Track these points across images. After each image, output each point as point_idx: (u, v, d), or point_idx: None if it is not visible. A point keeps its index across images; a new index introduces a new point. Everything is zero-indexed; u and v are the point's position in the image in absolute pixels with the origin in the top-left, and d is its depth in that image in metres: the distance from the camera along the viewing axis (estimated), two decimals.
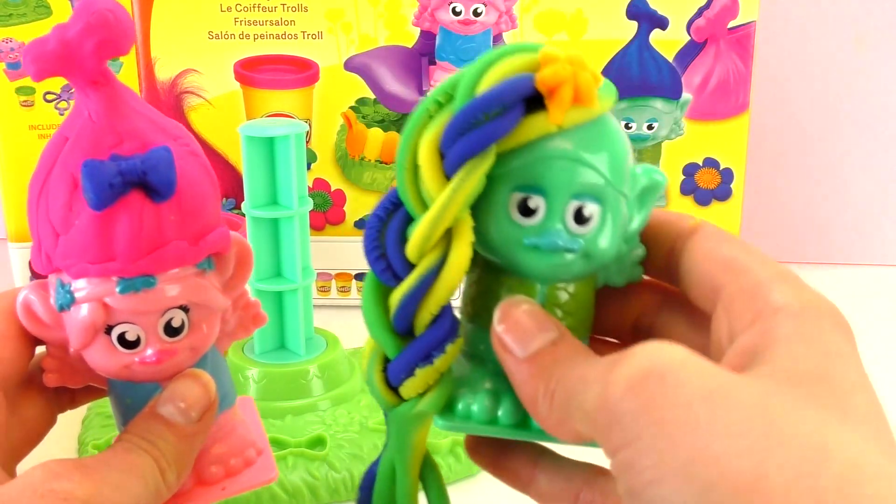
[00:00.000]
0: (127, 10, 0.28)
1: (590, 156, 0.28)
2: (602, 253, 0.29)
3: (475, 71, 0.27)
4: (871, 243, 0.81)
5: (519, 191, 0.28)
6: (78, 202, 0.28)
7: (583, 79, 0.27)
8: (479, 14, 0.67)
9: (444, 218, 0.27)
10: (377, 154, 0.69)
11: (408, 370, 0.29)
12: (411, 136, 0.28)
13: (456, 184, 0.27)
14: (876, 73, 0.78)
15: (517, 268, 0.29)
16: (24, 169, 0.69)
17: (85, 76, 0.28)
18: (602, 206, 0.28)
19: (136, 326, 0.29)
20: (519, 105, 0.27)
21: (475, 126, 0.27)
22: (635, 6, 0.66)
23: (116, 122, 0.29)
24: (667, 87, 0.67)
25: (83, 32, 0.28)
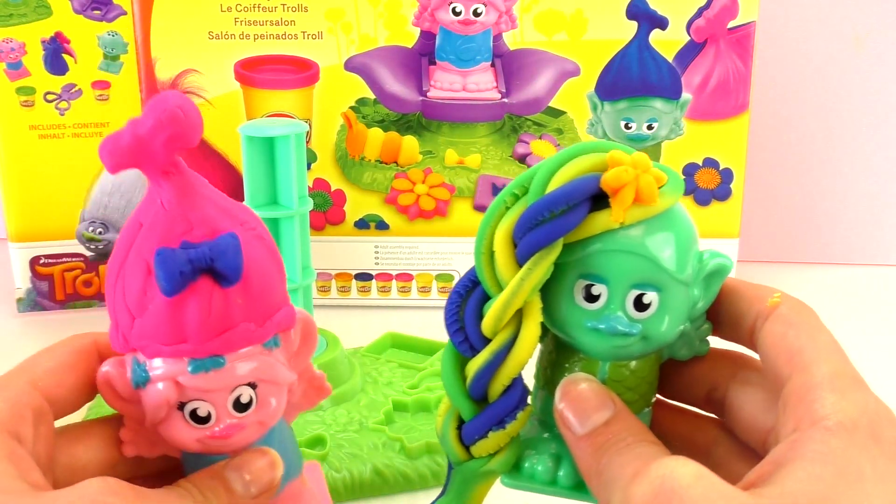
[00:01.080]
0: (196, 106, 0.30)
1: (651, 249, 0.31)
2: (661, 336, 0.32)
3: (548, 168, 0.31)
4: (871, 243, 0.81)
5: (584, 278, 0.31)
6: (151, 288, 0.30)
7: (644, 181, 0.30)
8: (479, 14, 0.67)
9: (515, 301, 0.31)
10: (377, 154, 0.69)
11: (482, 432, 0.32)
12: (489, 225, 0.31)
13: (525, 272, 0.30)
14: (876, 73, 0.78)
15: (580, 347, 0.33)
16: (25, 169, 0.69)
17: (157, 167, 0.30)
18: (661, 293, 0.31)
19: (207, 403, 0.31)
20: (585, 203, 0.30)
21: (545, 221, 0.30)
22: (635, 6, 0.66)
23: (187, 209, 0.31)
24: (667, 87, 0.67)
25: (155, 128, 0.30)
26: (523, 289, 0.30)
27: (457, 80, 0.68)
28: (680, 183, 0.32)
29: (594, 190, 0.30)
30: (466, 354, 0.32)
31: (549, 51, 0.67)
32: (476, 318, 0.32)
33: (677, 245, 0.32)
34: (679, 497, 0.25)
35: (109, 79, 0.69)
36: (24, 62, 0.68)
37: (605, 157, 0.30)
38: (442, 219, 0.71)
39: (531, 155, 0.69)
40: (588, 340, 0.32)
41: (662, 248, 0.31)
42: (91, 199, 0.71)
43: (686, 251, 0.32)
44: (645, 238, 0.31)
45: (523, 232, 0.31)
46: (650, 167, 0.30)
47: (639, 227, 0.31)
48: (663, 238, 0.31)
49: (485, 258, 0.32)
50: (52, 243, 0.71)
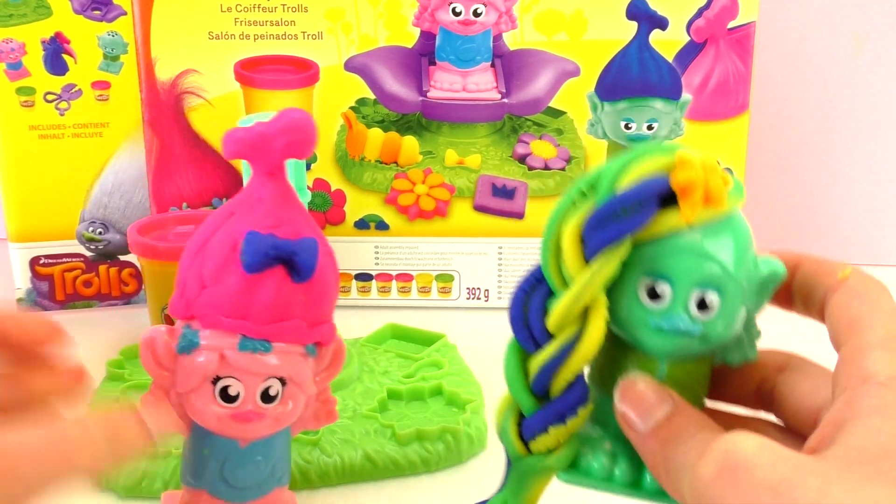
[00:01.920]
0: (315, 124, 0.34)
1: (715, 251, 0.32)
2: (719, 337, 0.33)
3: (617, 168, 0.31)
4: (871, 243, 0.81)
5: (648, 277, 0.32)
6: (233, 263, 0.33)
7: (713, 183, 0.31)
8: (479, 14, 0.67)
9: (582, 298, 0.31)
10: (377, 154, 0.69)
11: (542, 428, 0.32)
12: (556, 222, 0.32)
13: (594, 269, 0.31)
14: (876, 73, 0.78)
15: (642, 345, 0.33)
16: (25, 169, 0.69)
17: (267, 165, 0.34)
18: (722, 295, 0.32)
19: (240, 384, 0.33)
20: (654, 202, 0.31)
21: (614, 219, 0.30)
22: (635, 6, 0.66)
23: (280, 208, 0.34)
24: (667, 87, 0.67)
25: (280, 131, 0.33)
26: (592, 285, 0.31)
27: (457, 81, 0.68)
28: (741, 187, 0.33)
29: (664, 189, 0.31)
30: (530, 350, 0.32)
31: (549, 51, 0.67)
32: (541, 315, 0.32)
33: (739, 249, 0.32)
34: (745, 468, 0.25)
35: (109, 79, 0.69)
36: (24, 62, 0.68)
37: (672, 157, 0.31)
38: (442, 219, 0.71)
39: (531, 155, 0.69)
40: (650, 339, 0.33)
41: (726, 251, 0.32)
42: (91, 199, 0.71)
43: (746, 255, 0.33)
44: (710, 240, 0.32)
45: (593, 229, 0.31)
46: (718, 169, 0.31)
47: (704, 228, 0.32)
48: (727, 241, 0.32)
49: (551, 255, 0.32)
50: (52, 243, 0.71)
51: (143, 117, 0.69)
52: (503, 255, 0.71)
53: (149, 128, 0.69)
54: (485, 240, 0.71)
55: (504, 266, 0.72)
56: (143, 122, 0.69)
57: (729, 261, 0.32)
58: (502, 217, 0.70)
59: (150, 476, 0.49)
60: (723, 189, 0.31)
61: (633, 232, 0.31)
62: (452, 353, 0.61)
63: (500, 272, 0.72)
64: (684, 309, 0.32)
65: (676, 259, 0.32)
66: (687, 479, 0.27)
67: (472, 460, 0.52)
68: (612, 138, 0.68)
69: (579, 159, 0.69)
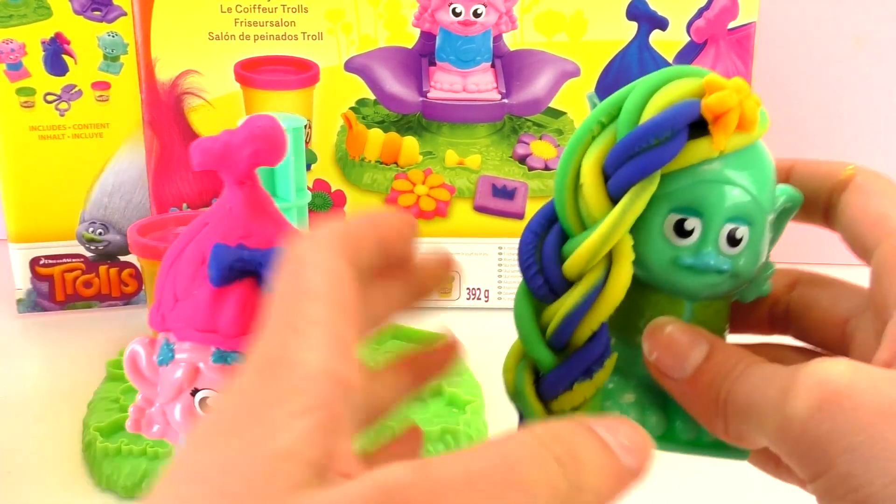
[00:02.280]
0: (283, 131, 0.34)
1: (746, 181, 0.29)
2: (748, 272, 0.31)
3: (640, 94, 0.28)
4: None
5: (676, 212, 0.29)
6: (201, 277, 0.33)
7: (748, 106, 0.28)
8: (479, 15, 0.67)
9: (612, 238, 0.28)
10: (377, 155, 0.69)
11: (567, 384, 0.29)
12: (574, 155, 0.29)
13: (625, 205, 0.28)
14: (876, 73, 0.78)
15: (671, 286, 0.30)
16: (25, 170, 0.69)
17: (237, 175, 0.34)
18: (752, 228, 0.30)
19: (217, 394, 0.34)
20: (684, 131, 0.28)
21: (643, 150, 0.28)
22: (635, 7, 0.66)
23: (250, 218, 0.34)
24: None
25: (245, 141, 0.33)
26: (622, 224, 0.28)
27: (457, 81, 0.68)
28: (765, 113, 0.30)
29: (695, 116, 0.28)
30: (546, 300, 0.29)
31: (549, 51, 0.67)
32: (556, 259, 0.29)
33: (765, 178, 0.30)
34: (848, 396, 0.23)
35: (109, 79, 0.69)
36: (24, 63, 0.68)
37: (700, 82, 0.28)
38: (442, 219, 0.71)
39: (531, 156, 0.69)
40: (680, 278, 0.30)
41: (756, 181, 0.30)
42: (91, 199, 0.71)
43: (772, 184, 0.31)
44: (739, 170, 0.29)
45: (620, 163, 0.28)
46: (750, 92, 0.28)
47: (734, 157, 0.29)
48: (755, 170, 0.30)
49: (568, 193, 0.29)
50: (53, 244, 0.71)
51: (143, 118, 0.69)
52: (503, 255, 0.71)
53: (149, 128, 0.69)
54: (485, 240, 0.71)
55: (504, 266, 0.72)
56: (143, 123, 0.69)
57: (757, 191, 0.30)
58: (502, 217, 0.70)
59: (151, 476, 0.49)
60: (757, 112, 0.28)
61: (665, 164, 0.28)
62: None
63: (501, 273, 0.72)
64: (715, 245, 0.29)
65: (707, 192, 0.29)
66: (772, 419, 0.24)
67: None
68: None
69: None
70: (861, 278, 0.32)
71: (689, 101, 0.28)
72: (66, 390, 0.59)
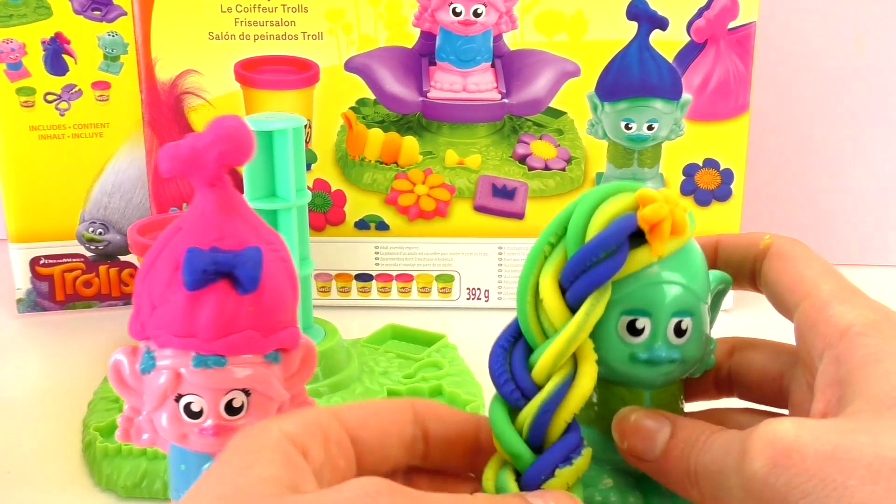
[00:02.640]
0: (251, 131, 0.33)
1: (684, 278, 0.33)
2: (694, 357, 0.34)
3: (582, 213, 0.32)
4: (871, 243, 0.81)
5: (627, 314, 0.33)
6: (175, 282, 0.33)
7: (678, 214, 0.32)
8: (479, 15, 0.67)
9: (574, 343, 0.31)
10: (377, 155, 0.69)
11: (549, 473, 0.32)
12: (530, 274, 0.33)
13: (586, 312, 0.31)
14: (876, 73, 0.78)
15: (629, 379, 0.34)
16: (25, 170, 0.69)
17: (205, 178, 0.34)
18: (693, 318, 0.34)
19: (202, 399, 0.33)
20: (626, 243, 0.32)
21: (594, 264, 0.31)
22: (635, 6, 0.66)
23: (222, 220, 0.34)
24: (667, 87, 0.67)
25: (211, 143, 0.33)
26: (584, 329, 0.31)
27: (457, 81, 0.68)
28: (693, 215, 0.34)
29: (633, 228, 0.32)
30: (518, 404, 0.32)
31: (549, 51, 0.67)
32: (525, 368, 0.32)
33: (701, 270, 0.34)
34: (797, 450, 0.26)
35: (109, 79, 0.69)
36: (24, 63, 0.68)
37: (633, 196, 0.32)
38: (442, 219, 0.71)
39: (531, 155, 0.69)
40: (637, 372, 0.34)
41: (692, 275, 0.34)
42: (91, 199, 0.71)
43: (705, 275, 0.34)
44: (679, 268, 0.33)
45: (574, 277, 0.32)
46: (679, 201, 0.32)
47: (671, 258, 0.33)
48: (691, 265, 0.34)
49: (530, 307, 0.33)
50: (52, 244, 0.71)
51: (143, 117, 0.69)
52: (503, 255, 0.71)
53: (149, 128, 0.69)
54: (485, 240, 0.71)
55: (504, 266, 0.72)
56: (143, 123, 0.69)
57: (694, 285, 0.34)
58: (502, 217, 0.70)
59: (151, 476, 0.49)
60: (686, 219, 0.32)
61: (614, 274, 0.32)
62: (452, 354, 0.61)
63: (501, 272, 0.72)
64: (664, 339, 0.33)
65: (652, 294, 0.33)
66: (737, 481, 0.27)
67: None
68: (612, 138, 0.68)
69: (579, 160, 0.69)
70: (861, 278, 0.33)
71: (627, 215, 0.32)
72: (66, 390, 0.59)
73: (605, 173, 0.69)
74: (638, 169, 0.69)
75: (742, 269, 0.35)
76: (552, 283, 0.32)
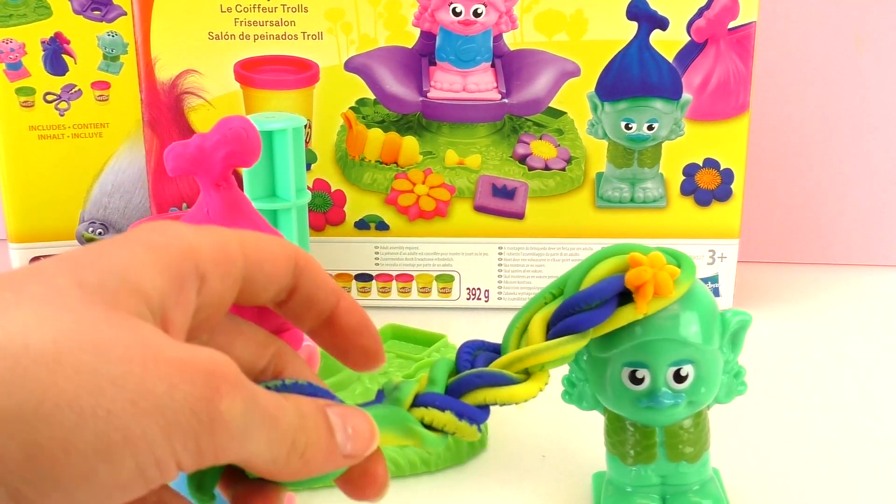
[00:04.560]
0: (258, 132, 0.34)
1: (680, 331, 0.37)
2: (704, 397, 0.39)
3: (580, 271, 0.36)
4: (871, 243, 0.81)
5: (628, 366, 0.38)
6: None
7: (661, 277, 0.35)
8: (479, 14, 0.67)
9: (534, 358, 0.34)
10: (377, 155, 0.69)
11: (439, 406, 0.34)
12: (527, 311, 0.36)
13: (556, 343, 0.34)
14: (876, 73, 0.78)
15: (641, 420, 0.40)
16: (25, 169, 0.69)
17: (212, 178, 0.34)
18: (695, 363, 0.38)
19: None
20: (614, 300, 0.36)
21: (580, 311, 0.35)
22: (635, 6, 0.66)
23: (227, 220, 0.34)
24: (667, 87, 0.67)
25: (218, 143, 0.33)
26: (547, 355, 0.34)
27: (457, 81, 0.68)
28: (692, 267, 0.37)
29: (620, 288, 0.35)
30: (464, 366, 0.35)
31: (549, 51, 0.67)
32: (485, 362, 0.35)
33: (701, 320, 0.37)
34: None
35: (109, 79, 0.69)
36: (23, 63, 0.68)
37: (626, 258, 0.36)
38: (442, 219, 0.71)
39: (531, 155, 0.69)
40: (642, 416, 0.39)
41: (689, 327, 0.37)
42: (91, 199, 0.71)
43: (710, 322, 0.38)
44: (674, 323, 0.37)
45: (559, 319, 0.35)
46: (665, 264, 0.36)
47: (668, 314, 0.37)
48: (689, 318, 0.37)
49: (517, 331, 0.36)
50: (52, 244, 0.71)
51: (143, 117, 0.69)
52: (503, 255, 0.71)
53: (149, 128, 0.69)
54: (485, 240, 0.71)
55: (504, 266, 0.72)
56: (143, 123, 0.69)
57: (694, 334, 0.37)
58: (502, 217, 0.70)
59: None
60: (670, 281, 0.36)
61: (595, 325, 0.35)
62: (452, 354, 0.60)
63: (501, 272, 0.72)
64: (664, 385, 0.38)
65: (648, 347, 0.37)
66: None
67: (472, 461, 0.52)
68: (612, 138, 0.68)
69: (580, 160, 0.69)
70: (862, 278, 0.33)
71: (615, 276, 0.36)
72: None
73: (605, 173, 0.69)
74: (638, 169, 0.69)
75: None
76: (542, 323, 0.36)
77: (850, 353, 0.65)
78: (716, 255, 0.70)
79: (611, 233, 0.70)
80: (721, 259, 0.70)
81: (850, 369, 0.63)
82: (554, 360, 0.34)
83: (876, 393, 0.59)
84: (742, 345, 0.40)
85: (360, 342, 0.32)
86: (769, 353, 0.65)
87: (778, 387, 0.59)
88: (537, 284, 0.71)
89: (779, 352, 0.65)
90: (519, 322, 0.36)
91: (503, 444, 0.53)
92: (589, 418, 0.43)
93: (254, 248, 0.29)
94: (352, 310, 0.31)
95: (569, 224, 0.70)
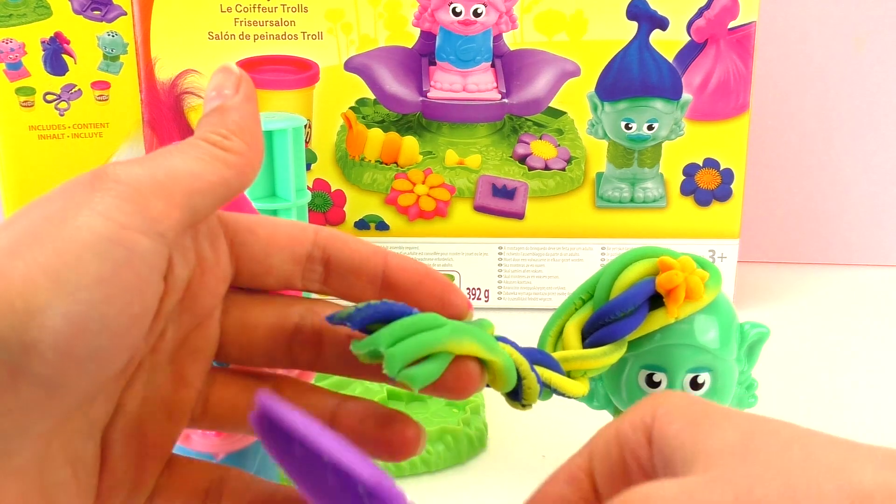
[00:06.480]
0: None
1: (701, 339, 0.37)
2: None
3: (609, 275, 0.37)
4: (871, 243, 0.81)
5: (645, 369, 0.38)
6: None
7: (692, 281, 0.35)
8: (479, 14, 0.67)
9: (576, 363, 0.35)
10: (377, 154, 0.69)
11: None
12: (559, 318, 0.37)
13: (601, 353, 0.35)
14: (876, 73, 0.78)
15: None
16: (25, 169, 0.69)
17: None
18: (713, 372, 0.38)
19: None
20: (645, 305, 0.36)
21: (614, 320, 0.36)
22: (635, 6, 0.66)
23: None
24: (667, 87, 0.67)
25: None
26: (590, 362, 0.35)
27: (457, 81, 0.68)
28: (719, 276, 0.37)
29: (651, 292, 0.36)
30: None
31: (549, 51, 0.67)
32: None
33: (721, 330, 0.38)
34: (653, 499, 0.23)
35: (109, 79, 0.69)
36: (23, 62, 0.68)
37: (655, 262, 0.36)
38: (442, 219, 0.71)
39: (531, 155, 0.69)
40: None
41: (710, 336, 0.37)
42: None
43: (729, 333, 0.38)
44: (695, 330, 0.37)
45: (594, 328, 0.36)
46: (695, 268, 0.36)
47: (689, 320, 0.37)
48: (710, 326, 0.37)
49: (552, 337, 0.37)
50: None
51: (143, 117, 0.69)
52: (503, 255, 0.71)
53: (149, 128, 0.69)
54: (485, 240, 0.71)
55: (504, 266, 0.72)
56: (143, 122, 0.69)
57: (715, 343, 0.37)
58: (502, 217, 0.70)
59: None
60: (701, 286, 0.36)
61: (631, 332, 0.35)
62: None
63: (501, 272, 0.72)
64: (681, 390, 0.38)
65: (667, 352, 0.37)
66: None
67: (472, 461, 0.52)
68: (612, 138, 0.68)
69: (580, 159, 0.69)
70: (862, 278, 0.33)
71: (646, 280, 0.36)
72: None
73: (605, 173, 0.69)
74: (638, 169, 0.69)
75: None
76: (576, 330, 0.36)
77: (851, 353, 0.65)
78: (716, 255, 0.70)
79: (611, 233, 0.70)
80: (721, 259, 0.70)
81: (850, 369, 0.63)
82: (597, 368, 0.35)
83: (876, 392, 0.59)
84: (757, 358, 0.40)
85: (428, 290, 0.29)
86: (769, 352, 0.64)
87: (778, 387, 0.59)
88: (537, 284, 0.71)
89: (778, 352, 0.65)
90: (553, 328, 0.37)
91: (503, 444, 0.52)
92: (589, 418, 0.43)
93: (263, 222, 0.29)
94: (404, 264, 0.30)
95: (569, 224, 0.70)
